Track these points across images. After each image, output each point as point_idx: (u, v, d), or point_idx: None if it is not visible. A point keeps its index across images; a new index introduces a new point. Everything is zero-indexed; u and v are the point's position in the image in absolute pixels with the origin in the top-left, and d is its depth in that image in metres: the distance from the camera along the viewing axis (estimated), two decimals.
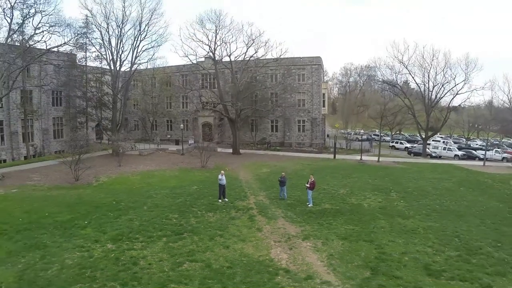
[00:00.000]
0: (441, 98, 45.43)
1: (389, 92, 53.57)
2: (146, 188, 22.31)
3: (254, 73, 43.49)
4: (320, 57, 47.26)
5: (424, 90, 44.76)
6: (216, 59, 40.33)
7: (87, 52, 39.08)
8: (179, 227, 14.76)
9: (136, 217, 16.01)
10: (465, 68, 41.82)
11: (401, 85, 50.75)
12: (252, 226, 15.21)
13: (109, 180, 24.78)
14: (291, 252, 12.49)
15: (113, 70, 37.49)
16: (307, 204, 18.38)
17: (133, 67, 39.05)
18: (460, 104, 50.13)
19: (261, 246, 12.98)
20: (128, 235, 13.64)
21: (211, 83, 47.48)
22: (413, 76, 45.61)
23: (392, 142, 54.70)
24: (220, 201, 18.86)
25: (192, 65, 45.39)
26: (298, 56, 46.40)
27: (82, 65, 40.10)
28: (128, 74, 39.95)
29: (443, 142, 49.31)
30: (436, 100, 44.74)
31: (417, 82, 45.84)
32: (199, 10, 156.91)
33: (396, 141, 54.45)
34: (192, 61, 41.46)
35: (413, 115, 44.90)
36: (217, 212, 17.03)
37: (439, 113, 46.73)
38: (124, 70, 39.91)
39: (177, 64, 50.89)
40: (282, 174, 20.29)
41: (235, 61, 40.46)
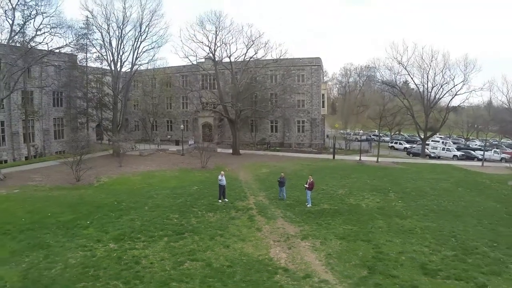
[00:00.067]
0: (440, 99, 45.66)
1: (389, 92, 53.64)
2: (147, 188, 22.49)
3: (254, 74, 43.56)
4: (319, 58, 47.43)
5: (423, 91, 44.97)
6: (216, 60, 40.51)
7: (88, 53, 39.33)
8: (180, 227, 14.97)
9: (138, 217, 16.21)
10: (464, 69, 42.10)
11: (401, 85, 50.93)
12: (251, 226, 15.42)
13: (110, 180, 24.96)
14: (290, 251, 12.70)
15: (113, 71, 37.60)
16: (306, 204, 18.57)
17: (134, 68, 39.15)
18: (459, 105, 50.45)
19: (261, 246, 13.19)
20: (130, 235, 13.85)
21: (211, 84, 47.61)
22: (412, 77, 45.82)
23: (392, 142, 54.75)
24: (220, 201, 19.05)
25: (192, 66, 45.52)
26: (298, 57, 46.54)
27: (82, 66, 40.25)
28: (128, 75, 40.04)
29: (442, 143, 49.36)
30: (435, 101, 44.87)
31: (416, 83, 46.07)
32: (199, 11, 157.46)
33: (396, 142, 54.52)
34: (192, 62, 41.69)
35: (412, 116, 45.06)
36: (217, 212, 17.23)
37: (438, 114, 46.89)
38: (124, 71, 40.08)
39: (177, 65, 50.98)
40: (281, 174, 20.48)
41: (235, 62, 40.61)
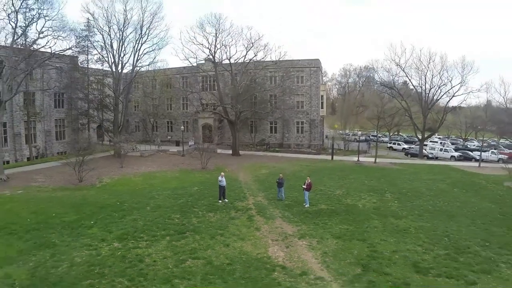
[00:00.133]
0: (438, 100, 45.98)
1: (387, 94, 54.02)
2: (149, 189, 22.87)
3: (253, 76, 43.94)
4: (318, 59, 47.81)
5: (421, 92, 45.33)
6: (216, 61, 40.89)
7: (89, 54, 39.65)
8: (182, 227, 15.38)
9: (140, 217, 16.62)
10: (461, 71, 42.37)
11: (400, 86, 51.19)
12: (251, 225, 15.83)
13: (112, 181, 25.34)
14: (287, 250, 13.12)
15: (114, 72, 37.94)
16: (303, 205, 18.96)
17: (135, 70, 39.45)
18: (456, 106, 50.77)
19: (259, 245, 13.61)
20: (133, 234, 14.26)
21: (211, 85, 48.05)
22: (410, 79, 46.11)
23: (390, 143, 55.13)
24: (220, 202, 19.43)
25: (192, 67, 45.90)
26: (297, 59, 46.86)
27: (84, 67, 40.58)
28: (129, 76, 40.38)
29: (440, 143, 49.73)
30: (432, 102, 45.25)
31: (414, 85, 46.42)
32: (199, 11, 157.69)
33: (394, 142, 54.92)
34: (192, 63, 42.04)
35: (410, 117, 45.45)
36: (217, 212, 17.64)
37: (436, 115, 47.29)
38: (125, 73, 40.42)
39: (178, 66, 51.35)
40: (280, 175, 20.90)
41: (235, 64, 40.98)
